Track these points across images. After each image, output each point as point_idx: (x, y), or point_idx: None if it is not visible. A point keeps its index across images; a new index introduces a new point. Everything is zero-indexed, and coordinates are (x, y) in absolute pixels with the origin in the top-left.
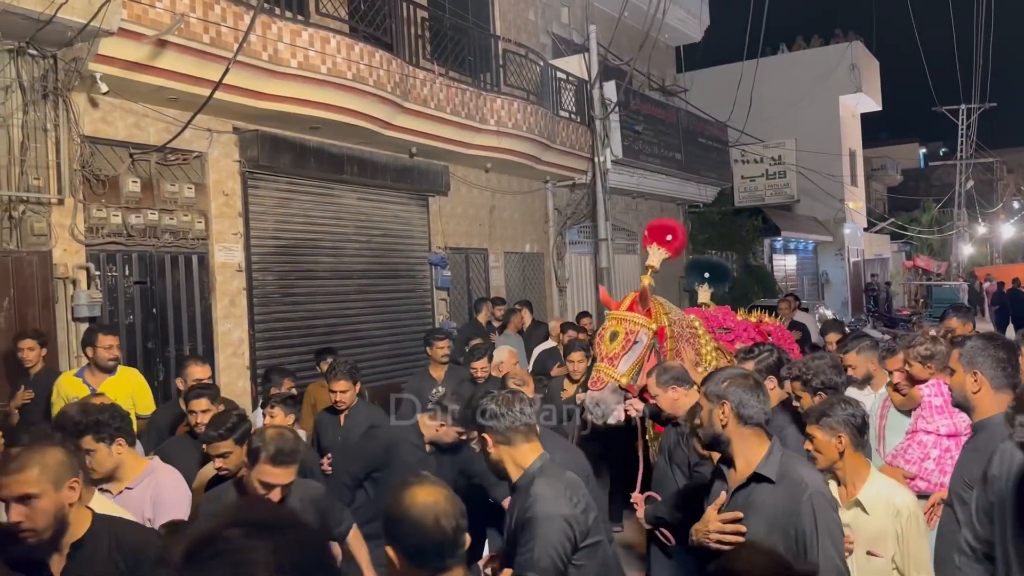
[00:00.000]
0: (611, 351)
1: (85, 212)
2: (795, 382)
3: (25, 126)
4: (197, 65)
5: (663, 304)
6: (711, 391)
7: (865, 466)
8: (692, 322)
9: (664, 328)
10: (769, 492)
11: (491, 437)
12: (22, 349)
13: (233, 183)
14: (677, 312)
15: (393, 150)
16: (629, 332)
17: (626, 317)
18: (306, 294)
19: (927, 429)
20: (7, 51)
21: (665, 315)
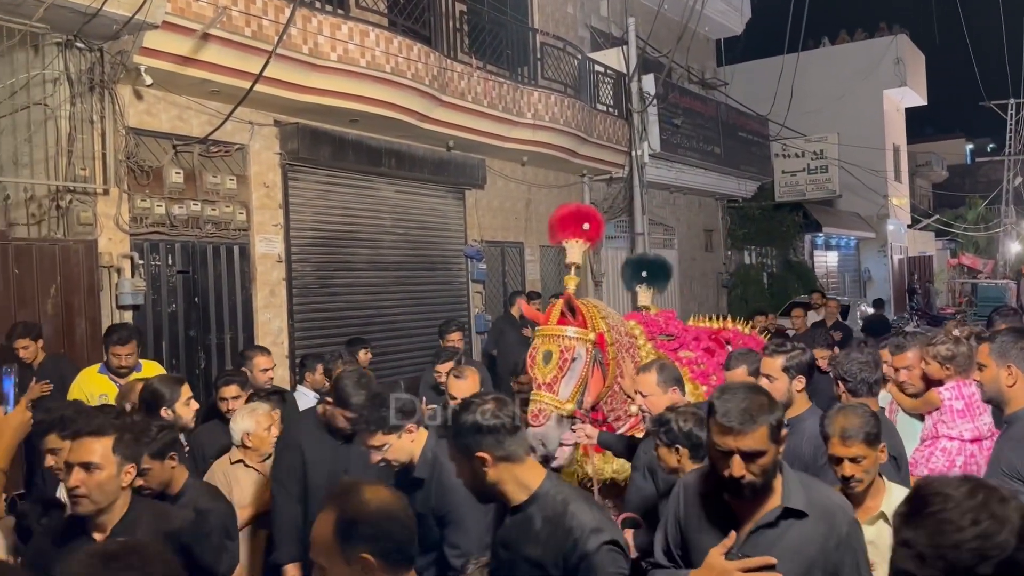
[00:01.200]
0: (547, 375)
1: (130, 202)
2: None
3: (72, 118)
4: (239, 58)
5: (597, 307)
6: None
7: (880, 480)
8: (631, 329)
9: (603, 335)
10: (803, 528)
11: (491, 454)
12: (18, 350)
13: (274, 175)
14: (615, 316)
15: (430, 143)
16: (564, 350)
17: (557, 332)
18: (343, 285)
19: (950, 435)
20: (55, 44)
21: (602, 319)
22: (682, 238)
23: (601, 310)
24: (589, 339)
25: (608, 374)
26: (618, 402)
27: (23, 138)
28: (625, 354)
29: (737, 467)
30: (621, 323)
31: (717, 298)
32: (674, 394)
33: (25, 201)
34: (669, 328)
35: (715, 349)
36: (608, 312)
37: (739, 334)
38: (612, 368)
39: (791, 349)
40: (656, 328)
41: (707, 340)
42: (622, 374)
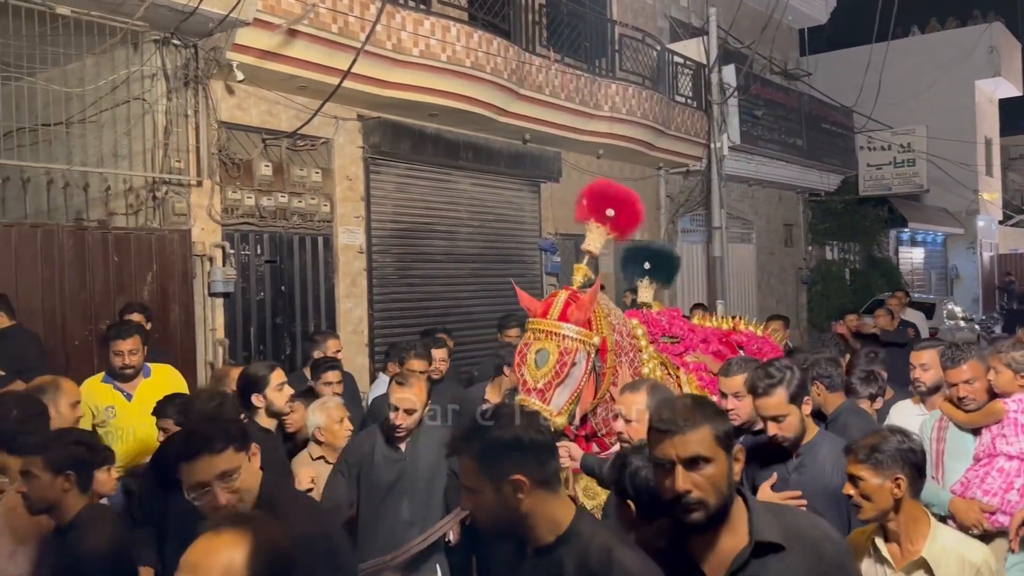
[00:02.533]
0: (540, 379)
1: (221, 194)
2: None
3: (168, 112)
4: (326, 54)
5: (603, 306)
6: None
7: (924, 516)
8: (634, 329)
9: (605, 341)
10: (783, 565)
11: (529, 479)
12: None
13: (356, 168)
14: (617, 315)
15: (507, 136)
16: (564, 352)
17: (556, 330)
18: (421, 276)
19: (1009, 453)
20: (153, 41)
21: (605, 319)
22: (761, 232)
23: (605, 308)
24: (593, 343)
25: (603, 384)
26: (612, 414)
27: (122, 132)
28: (624, 359)
29: (680, 479)
30: (624, 323)
31: (796, 294)
32: None
33: (124, 192)
34: (673, 329)
35: (726, 353)
36: (611, 309)
37: (753, 337)
38: (608, 377)
39: (783, 372)
40: (658, 328)
41: (717, 343)
42: (617, 382)
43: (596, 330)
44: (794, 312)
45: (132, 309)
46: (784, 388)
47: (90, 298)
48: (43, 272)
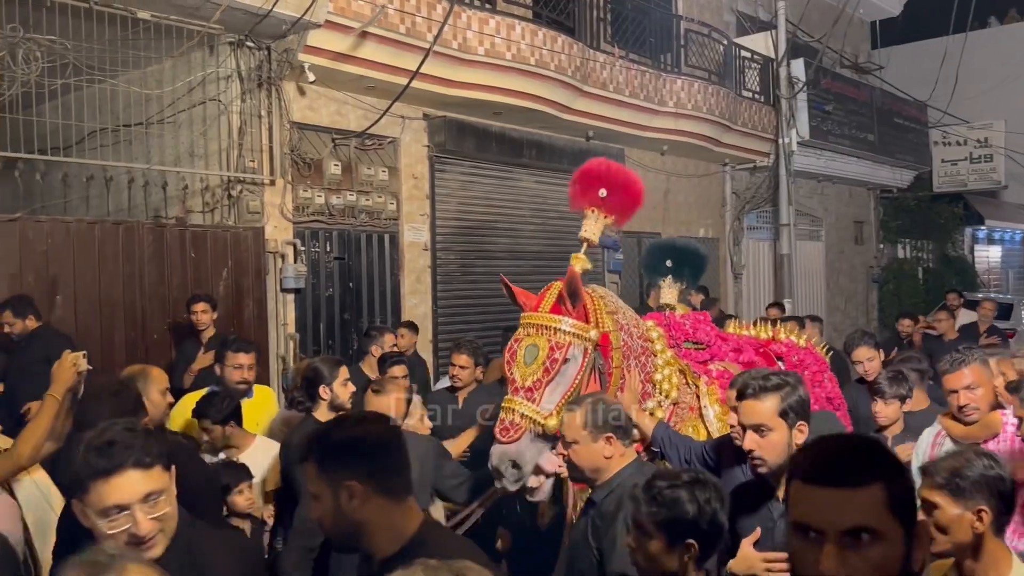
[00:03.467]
0: (528, 377)
1: (293, 192)
2: None
3: (242, 113)
4: (393, 55)
5: (605, 300)
6: None
7: (1007, 557)
8: (648, 331)
9: (608, 335)
10: None
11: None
12: (196, 312)
13: (422, 167)
14: (628, 313)
15: (570, 134)
16: (555, 347)
17: (548, 323)
18: (484, 273)
19: None
20: (228, 44)
21: (609, 315)
22: (830, 230)
23: (609, 303)
24: (590, 337)
25: (610, 385)
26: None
27: (199, 132)
28: (634, 362)
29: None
30: (636, 323)
31: (867, 293)
32: (609, 444)
33: (201, 191)
34: (698, 335)
35: (759, 364)
36: (619, 306)
37: (794, 347)
38: (615, 378)
39: (782, 383)
40: (681, 333)
41: (752, 352)
42: (624, 387)
43: (595, 323)
44: (864, 311)
45: (199, 299)
46: (778, 398)
47: (168, 293)
48: (124, 267)
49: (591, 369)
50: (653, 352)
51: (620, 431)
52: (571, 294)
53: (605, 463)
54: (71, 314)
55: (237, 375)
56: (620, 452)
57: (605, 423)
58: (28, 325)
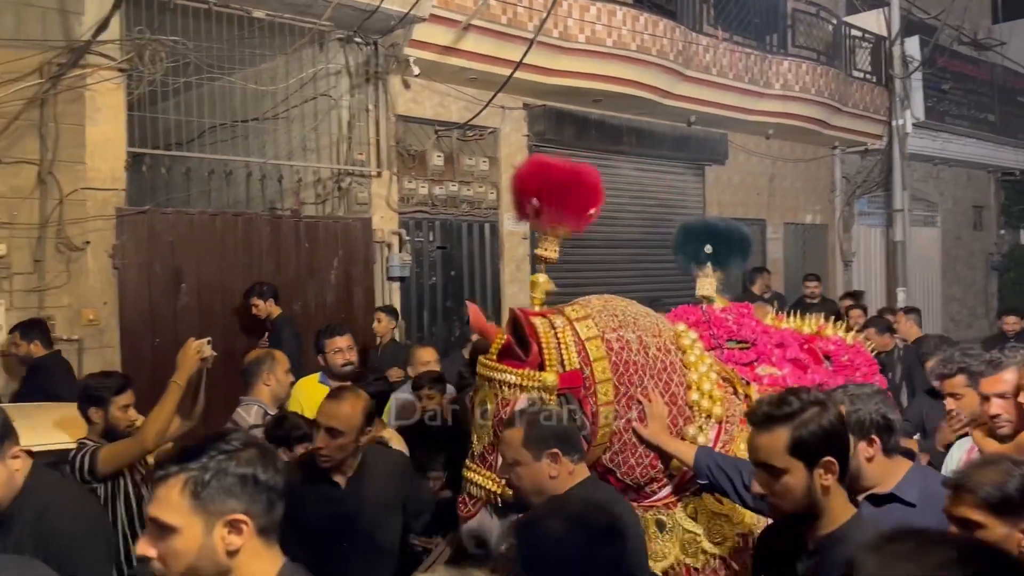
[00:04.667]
0: (482, 438)
1: (398, 183)
2: None
3: (351, 107)
4: (495, 46)
5: (583, 318)
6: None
7: None
8: (679, 337)
9: (578, 372)
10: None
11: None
12: (257, 305)
13: (521, 156)
14: (642, 322)
15: (672, 119)
16: (502, 403)
17: (491, 374)
18: (581, 262)
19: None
20: (338, 40)
21: (592, 342)
22: (946, 215)
23: (598, 321)
24: (544, 385)
25: (596, 429)
26: (641, 457)
27: (310, 127)
28: (652, 383)
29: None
30: (656, 332)
31: (986, 282)
32: (554, 463)
33: (313, 183)
34: (743, 332)
35: (808, 363)
36: (621, 319)
37: (843, 345)
38: (606, 413)
39: (798, 407)
40: (723, 330)
41: (797, 349)
42: (643, 416)
43: (553, 363)
44: (983, 301)
45: (253, 293)
46: (788, 429)
47: (284, 281)
48: (243, 257)
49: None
50: (683, 364)
51: (566, 446)
52: (514, 333)
53: (550, 484)
54: (195, 301)
55: (340, 359)
56: (568, 470)
57: (547, 438)
58: (32, 351)
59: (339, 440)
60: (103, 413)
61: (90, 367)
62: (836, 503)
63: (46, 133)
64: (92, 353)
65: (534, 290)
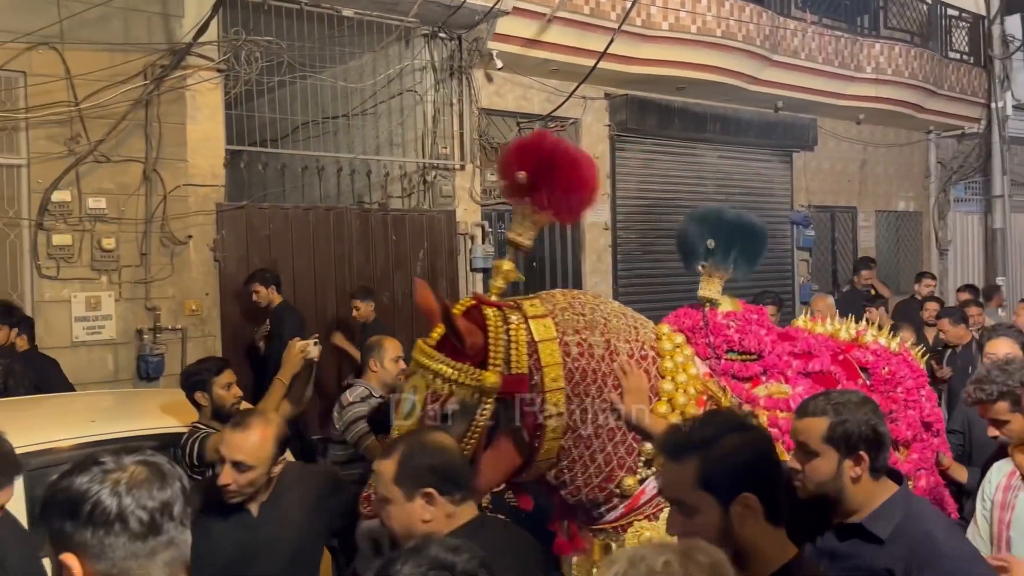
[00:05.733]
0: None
1: (481, 176)
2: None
3: (435, 102)
4: (578, 36)
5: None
6: None
7: None
8: (660, 341)
9: (530, 378)
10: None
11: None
12: (259, 291)
13: (602, 146)
14: (614, 324)
15: (758, 105)
16: (432, 396)
17: (427, 361)
18: (665, 252)
19: None
20: (423, 36)
21: (543, 345)
22: None
23: (559, 321)
24: (482, 385)
25: (541, 445)
26: (591, 476)
27: (396, 122)
28: (615, 392)
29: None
30: (627, 336)
31: None
32: (428, 506)
33: (399, 177)
34: (746, 341)
35: (839, 377)
36: (588, 320)
37: (884, 354)
38: (554, 426)
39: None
40: (721, 339)
41: (828, 359)
42: (598, 431)
43: (499, 362)
44: None
45: (256, 280)
46: (698, 459)
47: (373, 273)
48: (335, 250)
49: (495, 426)
50: (660, 373)
51: (446, 484)
52: (469, 316)
53: (423, 529)
54: (290, 292)
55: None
56: (446, 512)
57: (423, 475)
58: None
59: (248, 475)
60: (207, 395)
61: (193, 355)
62: (764, 545)
63: (150, 132)
64: (195, 342)
65: (495, 276)
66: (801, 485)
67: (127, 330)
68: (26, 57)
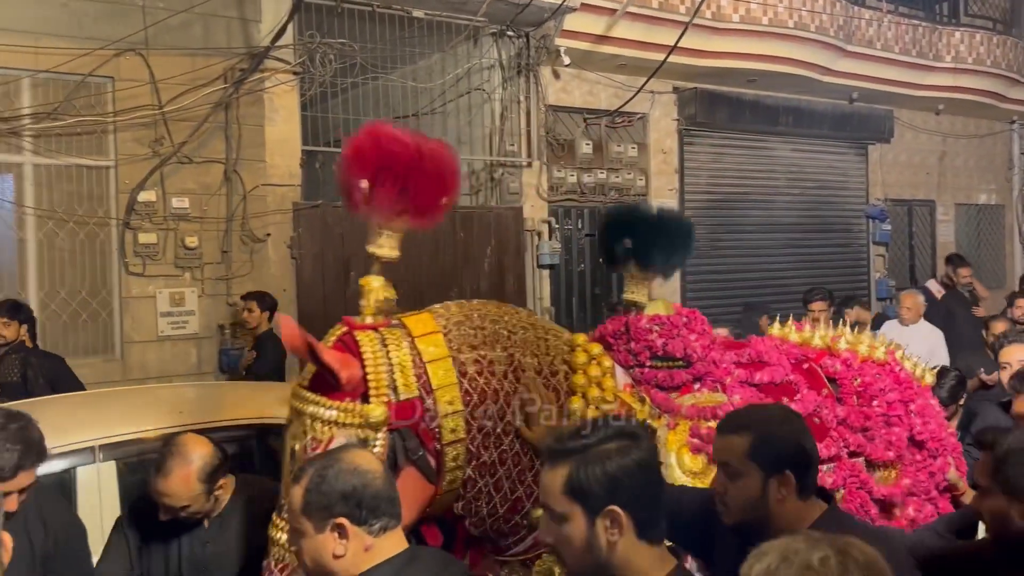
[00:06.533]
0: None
1: (548, 173)
2: None
3: (503, 99)
4: (646, 31)
5: (428, 334)
6: None
7: None
8: (575, 354)
9: (422, 403)
10: None
11: None
12: (252, 311)
13: (671, 141)
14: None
15: (832, 97)
16: (313, 443)
17: (302, 405)
18: (734, 247)
19: None
20: (491, 35)
21: (433, 365)
22: None
23: (452, 336)
24: (368, 419)
25: (443, 475)
26: (496, 506)
27: (464, 120)
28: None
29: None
30: (535, 349)
31: None
32: (340, 540)
33: (467, 175)
34: (671, 347)
35: (798, 387)
36: (487, 334)
37: (856, 365)
38: (454, 454)
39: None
40: (643, 345)
41: (782, 371)
42: (503, 456)
43: (377, 393)
44: None
45: (253, 298)
46: (568, 467)
47: (441, 270)
48: (405, 246)
49: (392, 459)
50: (572, 388)
51: (362, 513)
52: (323, 367)
53: (335, 565)
54: None
55: None
56: (363, 545)
57: (333, 503)
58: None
59: (185, 511)
60: None
61: None
62: (636, 563)
63: (230, 134)
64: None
65: (365, 297)
66: (725, 510)
67: (209, 325)
68: (114, 63)
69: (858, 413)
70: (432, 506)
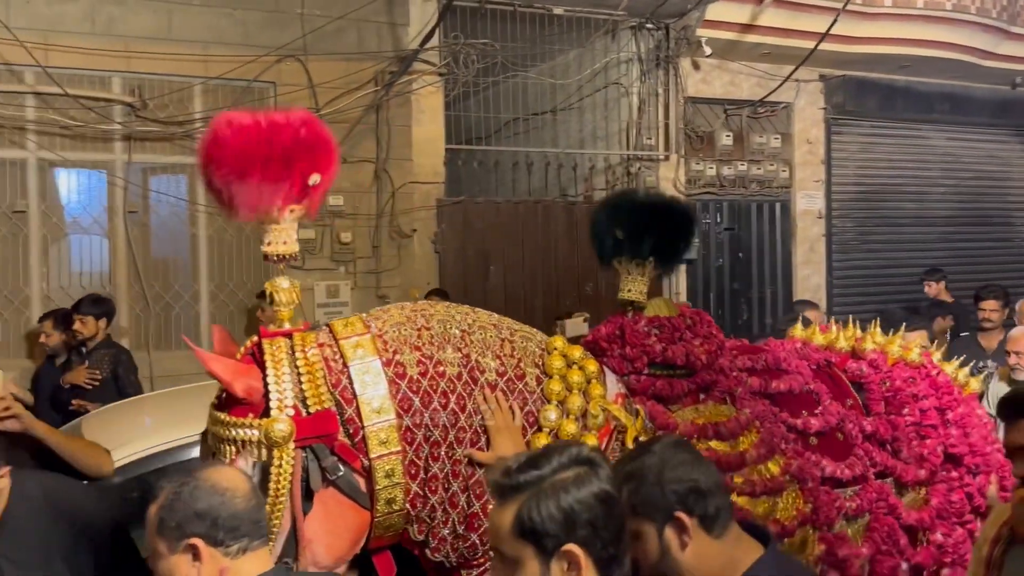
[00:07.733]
0: None
1: (686, 166)
2: None
3: (641, 93)
4: (790, 18)
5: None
6: None
7: None
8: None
9: (340, 413)
10: None
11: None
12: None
13: (817, 131)
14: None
15: (992, 82)
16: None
17: (216, 426)
18: (885, 241)
19: None
20: (629, 28)
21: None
22: None
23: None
24: (269, 436)
25: (374, 487)
26: (454, 526)
27: (601, 115)
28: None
29: None
30: (498, 351)
31: None
32: (193, 562)
33: (604, 169)
34: (671, 353)
35: (820, 397)
36: (435, 334)
37: (884, 366)
38: (387, 471)
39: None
40: (639, 350)
41: (802, 378)
42: (456, 468)
43: (279, 405)
44: None
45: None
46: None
47: (577, 265)
48: (541, 242)
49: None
50: (546, 396)
51: (220, 532)
52: (218, 380)
53: None
54: (500, 283)
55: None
56: (218, 568)
57: (187, 521)
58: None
59: None
60: None
61: None
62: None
63: (380, 135)
64: None
65: (275, 303)
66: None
67: None
68: (276, 69)
69: (886, 424)
70: (376, 532)
